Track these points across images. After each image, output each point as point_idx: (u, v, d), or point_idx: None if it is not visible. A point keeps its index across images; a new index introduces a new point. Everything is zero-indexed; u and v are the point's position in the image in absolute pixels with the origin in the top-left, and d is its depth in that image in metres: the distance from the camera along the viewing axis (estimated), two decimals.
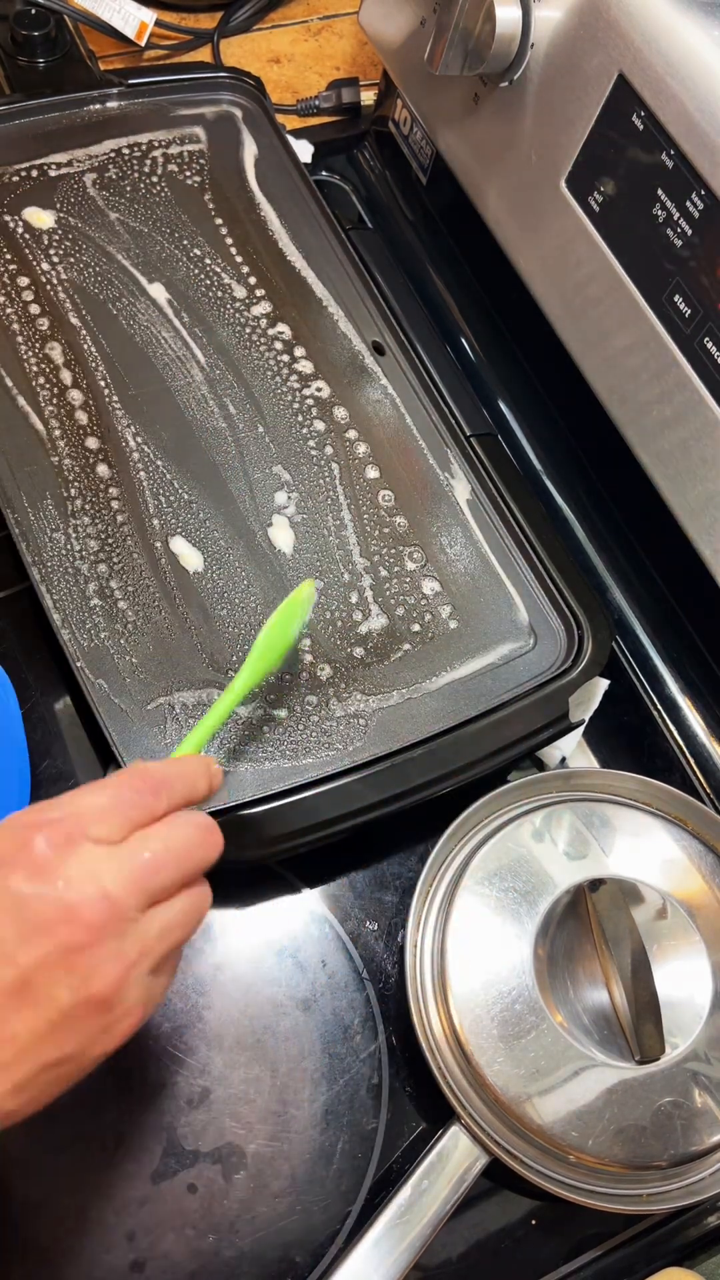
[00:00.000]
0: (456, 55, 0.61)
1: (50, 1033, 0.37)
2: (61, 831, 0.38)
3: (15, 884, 0.37)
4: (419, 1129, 0.56)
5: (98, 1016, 0.38)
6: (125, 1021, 0.39)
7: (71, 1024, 0.37)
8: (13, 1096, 0.36)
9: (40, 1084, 0.37)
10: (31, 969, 0.36)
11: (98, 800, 0.40)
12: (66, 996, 0.37)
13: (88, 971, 0.37)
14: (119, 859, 0.39)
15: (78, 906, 0.37)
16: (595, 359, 0.63)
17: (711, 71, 0.51)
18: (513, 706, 0.60)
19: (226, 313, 0.69)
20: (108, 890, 0.38)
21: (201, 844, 0.42)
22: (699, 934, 0.56)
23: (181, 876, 0.41)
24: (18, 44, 0.76)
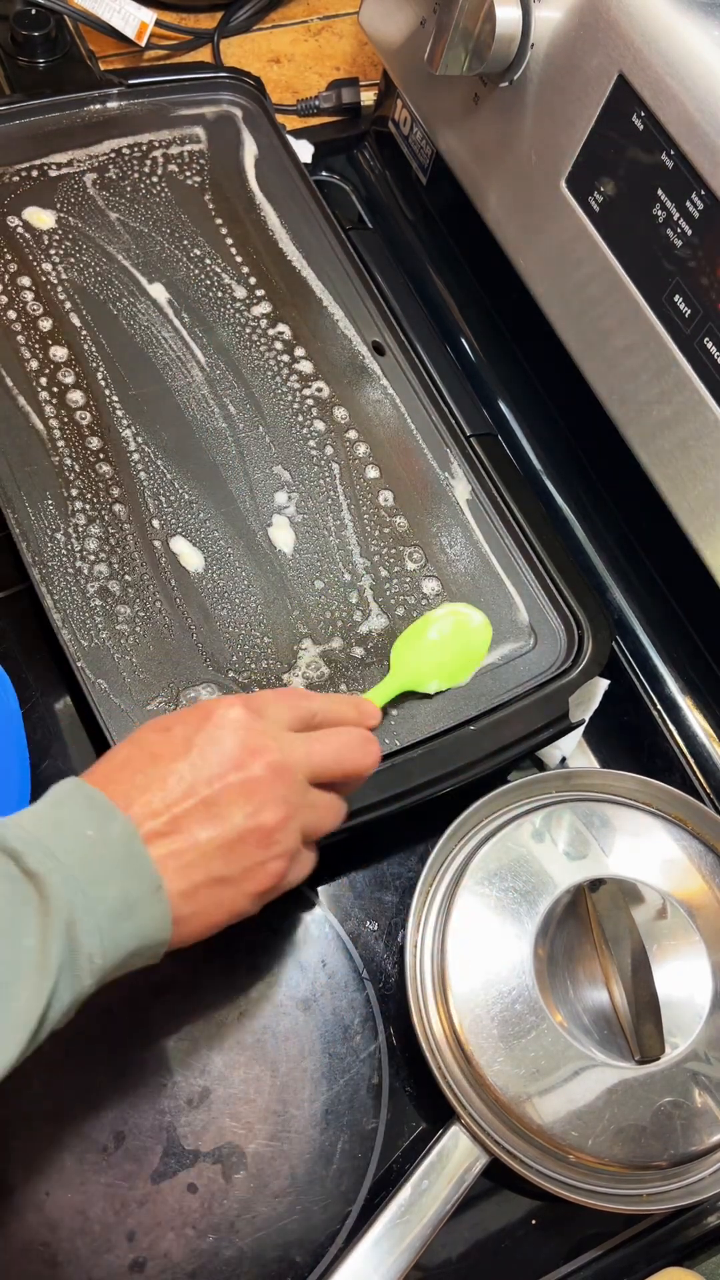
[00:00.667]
0: (456, 55, 0.61)
1: (223, 848, 0.43)
2: (253, 703, 0.46)
3: (220, 728, 0.44)
4: (419, 1129, 0.56)
5: (260, 848, 0.44)
6: (276, 863, 0.45)
7: (240, 846, 0.43)
8: (185, 900, 0.42)
9: (206, 898, 0.43)
10: (221, 791, 0.43)
11: (269, 695, 0.48)
12: (240, 820, 0.43)
13: (260, 805, 0.44)
14: (297, 737, 0.47)
15: (263, 752, 0.44)
16: (595, 359, 0.63)
17: (711, 71, 0.51)
18: (513, 706, 0.60)
19: (227, 313, 0.69)
20: (286, 751, 0.45)
21: (361, 748, 0.49)
22: (699, 934, 0.56)
23: (340, 770, 0.48)
24: (18, 44, 0.76)
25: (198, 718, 0.45)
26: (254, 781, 0.44)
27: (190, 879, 0.42)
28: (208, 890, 0.43)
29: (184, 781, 0.43)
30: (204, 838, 0.42)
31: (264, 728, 0.45)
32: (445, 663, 0.59)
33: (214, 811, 0.43)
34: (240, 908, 0.45)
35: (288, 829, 0.45)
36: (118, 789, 0.42)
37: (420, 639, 0.60)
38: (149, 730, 0.45)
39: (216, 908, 0.44)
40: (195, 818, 0.42)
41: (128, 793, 0.42)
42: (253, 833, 0.43)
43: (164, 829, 0.42)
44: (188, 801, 0.42)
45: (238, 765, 0.43)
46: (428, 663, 0.59)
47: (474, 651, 0.61)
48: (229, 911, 0.44)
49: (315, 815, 0.47)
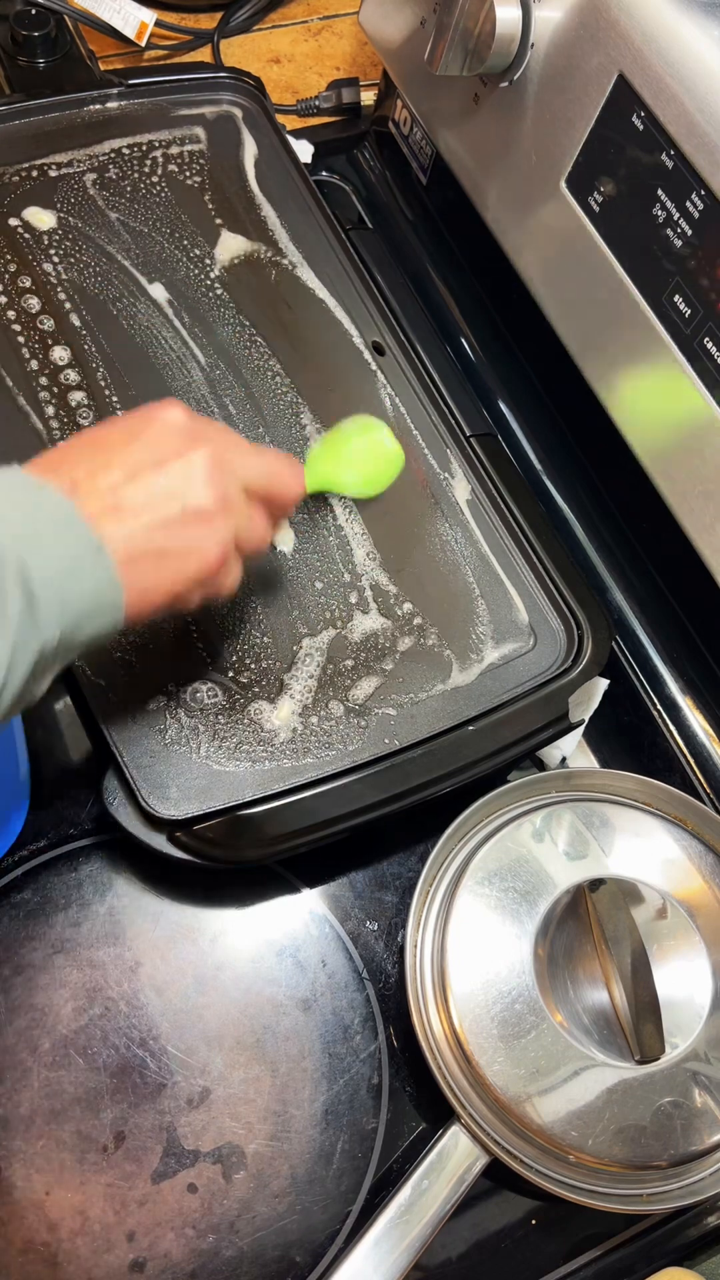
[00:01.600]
0: (456, 55, 0.61)
1: (164, 524, 0.45)
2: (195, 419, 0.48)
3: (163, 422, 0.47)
4: (419, 1129, 0.56)
5: (199, 527, 0.46)
6: (214, 548, 0.47)
7: (180, 524, 0.45)
8: (129, 568, 0.43)
9: (149, 569, 0.45)
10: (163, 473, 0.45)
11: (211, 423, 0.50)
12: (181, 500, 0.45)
13: (200, 488, 0.46)
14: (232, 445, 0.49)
15: (204, 442, 0.47)
16: (595, 359, 0.63)
17: (711, 71, 0.51)
18: (513, 706, 0.60)
19: (226, 313, 0.69)
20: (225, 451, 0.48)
21: (290, 469, 0.52)
22: (699, 934, 0.56)
23: (269, 485, 0.50)
24: (18, 44, 0.76)
25: (139, 415, 0.47)
26: (194, 466, 0.46)
27: (132, 548, 0.44)
28: (150, 561, 0.45)
29: (127, 464, 0.45)
30: (146, 513, 0.44)
31: (205, 427, 0.48)
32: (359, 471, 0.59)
33: (155, 490, 0.45)
34: (181, 586, 0.46)
35: (225, 518, 0.47)
36: (61, 472, 0.44)
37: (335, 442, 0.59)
38: (89, 429, 0.48)
39: (160, 580, 0.45)
40: (137, 495, 0.44)
41: (71, 475, 0.44)
42: (193, 513, 0.46)
43: (108, 505, 0.44)
44: (130, 482, 0.45)
45: (179, 452, 0.46)
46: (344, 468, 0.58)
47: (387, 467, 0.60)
48: (171, 586, 0.46)
49: (247, 523, 0.49)
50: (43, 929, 0.58)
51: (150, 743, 0.55)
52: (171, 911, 0.59)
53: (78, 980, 0.57)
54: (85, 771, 0.62)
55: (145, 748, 0.55)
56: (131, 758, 0.55)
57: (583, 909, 0.56)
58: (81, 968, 0.57)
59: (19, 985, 0.56)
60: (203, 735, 0.56)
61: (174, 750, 0.55)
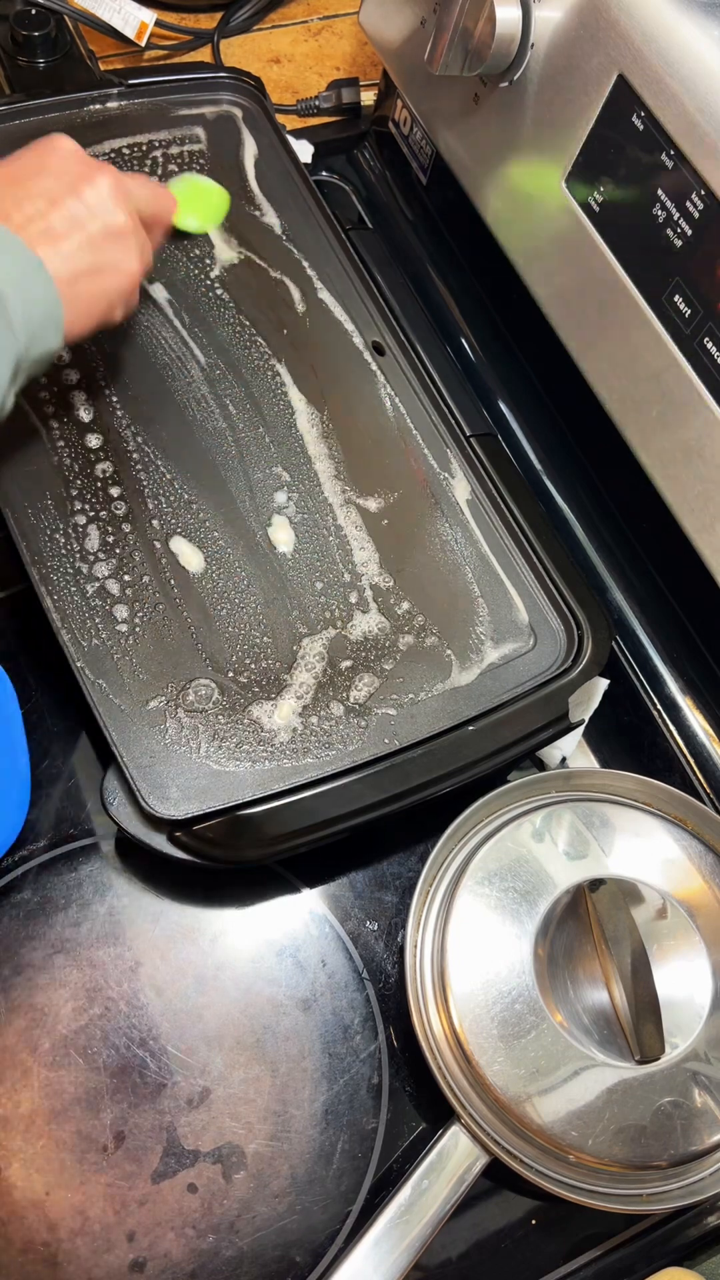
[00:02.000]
0: (456, 55, 0.61)
1: (89, 243, 0.51)
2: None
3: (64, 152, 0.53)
4: (419, 1129, 0.56)
5: (118, 245, 0.53)
6: (132, 262, 0.54)
7: (102, 243, 0.52)
8: (67, 286, 0.50)
9: (84, 286, 0.51)
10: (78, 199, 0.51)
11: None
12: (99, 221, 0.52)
13: (111, 209, 0.52)
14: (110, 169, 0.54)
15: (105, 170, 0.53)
16: (595, 359, 0.63)
17: (711, 71, 0.51)
18: (513, 706, 0.60)
19: (226, 313, 0.69)
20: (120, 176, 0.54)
21: (166, 194, 0.61)
22: (699, 934, 0.56)
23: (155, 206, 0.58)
24: (18, 44, 0.76)
25: (38, 148, 0.53)
26: (103, 190, 0.52)
27: (67, 267, 0.50)
28: (84, 280, 0.51)
29: (44, 194, 0.50)
30: (73, 234, 0.51)
31: (92, 158, 0.53)
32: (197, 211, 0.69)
33: (76, 213, 0.51)
34: (112, 300, 0.53)
35: (136, 235, 0.54)
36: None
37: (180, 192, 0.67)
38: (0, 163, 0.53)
39: (94, 297, 0.52)
40: (61, 219, 0.50)
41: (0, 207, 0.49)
42: (112, 233, 0.52)
43: (38, 230, 0.49)
44: (52, 209, 0.50)
45: (87, 178, 0.52)
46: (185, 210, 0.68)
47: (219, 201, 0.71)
48: (103, 302, 0.53)
49: (141, 242, 0.55)
50: (43, 929, 0.58)
51: (150, 743, 0.55)
52: (171, 911, 0.60)
53: (78, 980, 0.57)
54: (85, 771, 0.62)
55: (145, 748, 0.55)
56: (131, 758, 0.55)
57: (583, 909, 0.56)
58: (81, 968, 0.57)
59: (19, 985, 0.56)
60: (203, 735, 0.56)
61: (174, 750, 0.55)
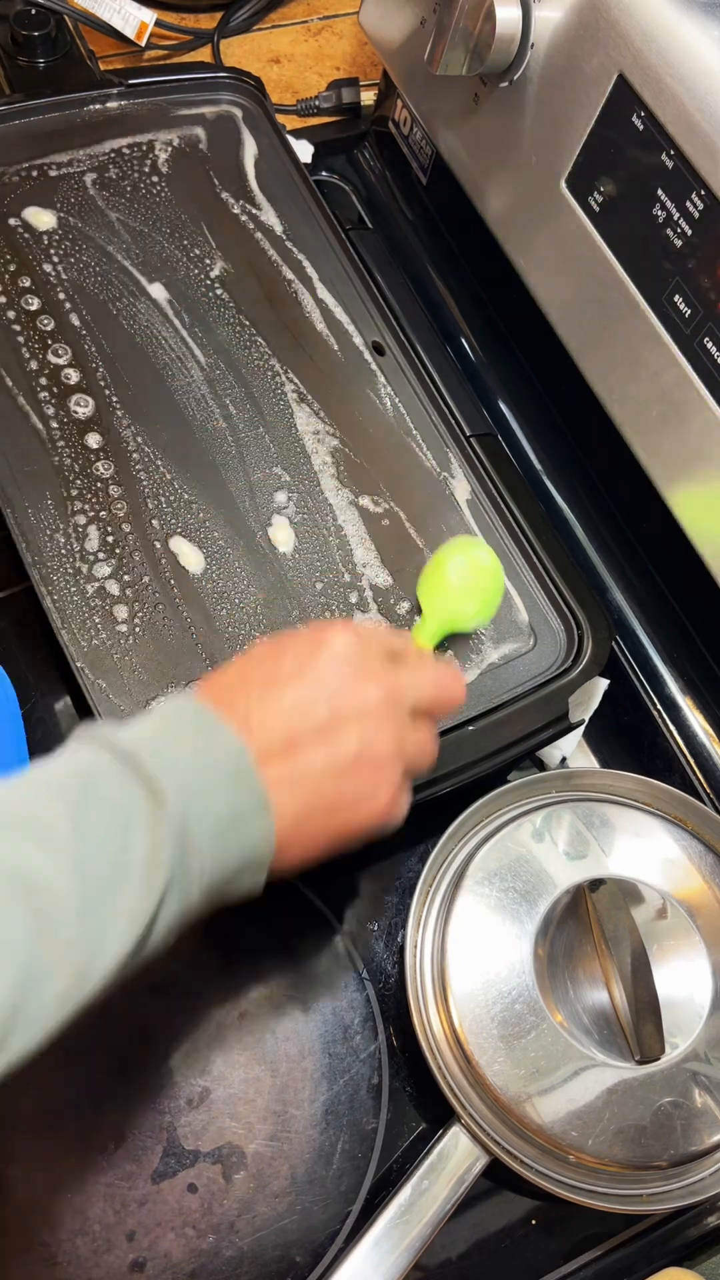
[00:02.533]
0: (456, 55, 0.61)
1: (335, 774, 0.43)
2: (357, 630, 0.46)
3: (333, 653, 0.44)
4: (419, 1129, 0.56)
5: (371, 775, 0.44)
6: (386, 792, 0.44)
7: (352, 773, 0.43)
8: (292, 823, 0.42)
9: (313, 824, 0.43)
10: (335, 717, 0.43)
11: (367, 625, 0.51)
12: (354, 747, 0.43)
13: (373, 732, 0.44)
14: (399, 666, 0.47)
15: (376, 678, 0.45)
16: (595, 359, 0.63)
17: (711, 71, 0.51)
18: (513, 706, 0.60)
19: (226, 313, 0.69)
20: (394, 678, 0.45)
21: (454, 678, 0.50)
22: (699, 934, 0.56)
23: (438, 700, 0.49)
24: (18, 44, 0.76)
25: (310, 645, 0.45)
26: (367, 708, 0.44)
27: (299, 803, 0.42)
28: (317, 815, 0.43)
29: (298, 706, 0.43)
30: (317, 762, 0.42)
31: (371, 655, 0.45)
32: (477, 599, 0.59)
33: (327, 737, 0.43)
34: (345, 838, 0.44)
35: (398, 760, 0.45)
36: (233, 711, 0.42)
37: (443, 580, 0.59)
38: (262, 651, 0.45)
39: (322, 833, 0.44)
40: (308, 742, 0.42)
41: (243, 715, 0.42)
42: (366, 760, 0.43)
43: (277, 751, 0.42)
44: (301, 726, 0.42)
45: (352, 692, 0.44)
46: (460, 601, 0.59)
47: (495, 585, 0.60)
48: (333, 839, 0.44)
49: (416, 750, 0.47)
50: None
51: None
52: None
53: None
54: None
55: None
56: None
57: (583, 909, 0.56)
58: None
59: None
60: None
61: None
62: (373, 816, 0.44)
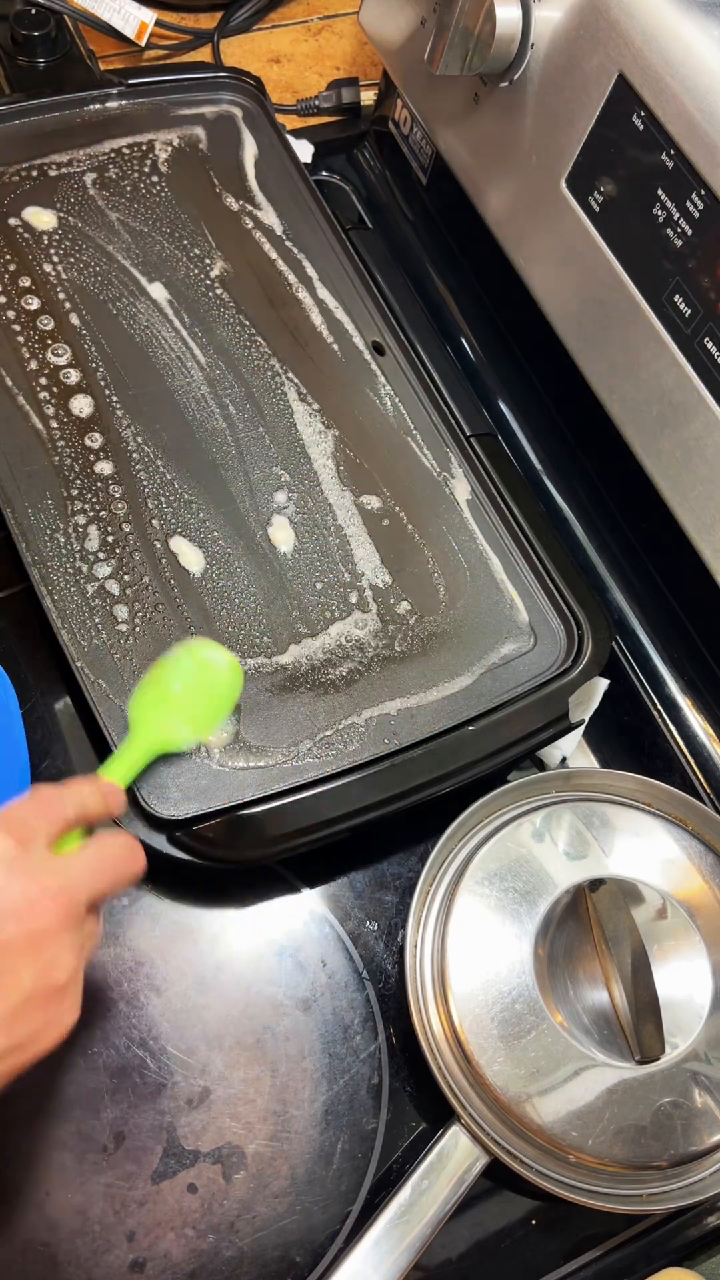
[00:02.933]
0: (456, 55, 0.61)
1: (10, 1017, 0.37)
2: (14, 829, 0.40)
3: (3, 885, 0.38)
4: (419, 1129, 0.56)
5: (53, 1004, 0.39)
6: (68, 1016, 0.40)
7: (30, 1011, 0.38)
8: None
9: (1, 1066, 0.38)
10: (5, 954, 0.37)
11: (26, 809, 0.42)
12: (29, 982, 0.38)
13: (51, 959, 0.38)
14: (70, 863, 0.41)
15: (46, 897, 0.39)
16: (595, 359, 0.63)
17: (711, 71, 0.51)
18: (513, 706, 0.60)
19: (226, 313, 0.69)
20: (65, 885, 0.40)
21: (131, 856, 0.44)
22: (699, 934, 0.56)
23: (115, 887, 0.43)
24: (18, 44, 0.76)
25: None
26: (40, 934, 0.38)
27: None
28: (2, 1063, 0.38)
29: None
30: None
31: (37, 863, 0.40)
32: (195, 712, 0.53)
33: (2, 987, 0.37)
34: (24, 1068, 0.40)
35: (78, 971, 0.40)
36: None
37: (164, 692, 0.52)
38: None
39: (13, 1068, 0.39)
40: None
41: None
42: (42, 993, 0.39)
43: None
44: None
45: (19, 918, 0.38)
46: (176, 717, 0.52)
47: (225, 693, 0.53)
48: (11, 1074, 0.39)
49: (92, 941, 0.43)
50: None
51: None
52: (171, 911, 0.59)
53: None
54: (85, 771, 0.62)
55: None
56: None
57: (583, 909, 0.56)
58: None
59: None
60: None
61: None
62: (53, 1043, 0.40)
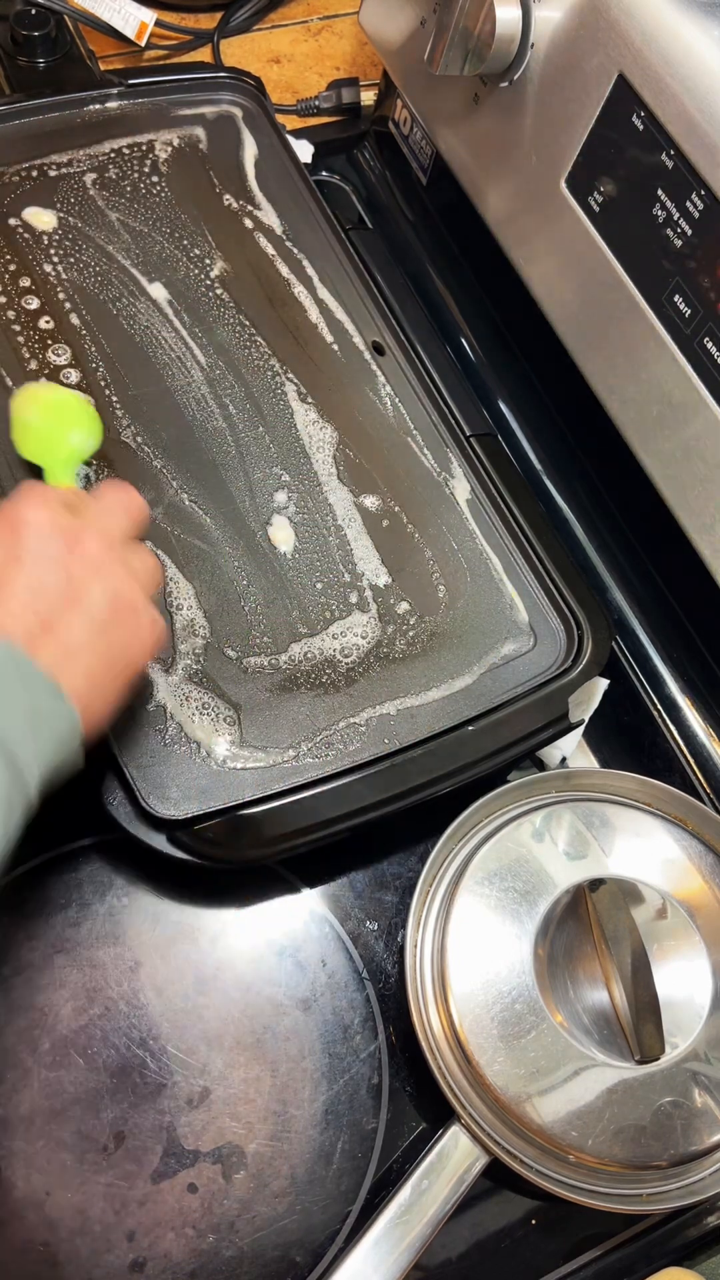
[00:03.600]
0: (456, 55, 0.61)
1: (99, 630, 0.45)
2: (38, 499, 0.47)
3: (34, 529, 0.45)
4: (419, 1129, 0.56)
5: (128, 617, 0.46)
6: (149, 622, 0.47)
7: (113, 623, 0.45)
8: (86, 690, 0.44)
9: (103, 680, 0.45)
10: (70, 582, 0.44)
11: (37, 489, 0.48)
12: (101, 600, 0.45)
13: (109, 579, 0.46)
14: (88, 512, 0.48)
15: (83, 533, 0.46)
16: (595, 359, 0.63)
17: (711, 71, 0.51)
18: (513, 706, 0.60)
19: (226, 313, 0.69)
20: (96, 525, 0.47)
21: (129, 494, 0.51)
22: (699, 934, 0.56)
23: (134, 521, 0.50)
24: (18, 44, 0.76)
25: (7, 530, 0.45)
26: (94, 562, 0.45)
27: (81, 672, 0.44)
28: (101, 675, 0.45)
29: (35, 589, 0.44)
30: (78, 630, 0.44)
31: (61, 514, 0.46)
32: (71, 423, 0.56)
33: (76, 604, 0.44)
34: (136, 670, 0.47)
35: (140, 590, 0.47)
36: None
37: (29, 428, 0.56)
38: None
39: (112, 685, 0.46)
40: (61, 616, 0.44)
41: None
42: (118, 607, 0.46)
43: (39, 635, 0.43)
44: (48, 605, 0.43)
45: (72, 555, 0.45)
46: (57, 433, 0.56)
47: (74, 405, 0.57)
48: (129, 678, 0.47)
49: (146, 572, 0.49)
50: (43, 929, 0.58)
51: (150, 743, 0.55)
52: (171, 911, 0.60)
53: (78, 980, 0.57)
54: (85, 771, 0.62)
55: (145, 748, 0.55)
56: (131, 758, 0.55)
57: (583, 909, 0.56)
58: (81, 968, 0.57)
59: (19, 985, 0.56)
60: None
61: (174, 750, 0.55)
62: (146, 648, 0.47)
